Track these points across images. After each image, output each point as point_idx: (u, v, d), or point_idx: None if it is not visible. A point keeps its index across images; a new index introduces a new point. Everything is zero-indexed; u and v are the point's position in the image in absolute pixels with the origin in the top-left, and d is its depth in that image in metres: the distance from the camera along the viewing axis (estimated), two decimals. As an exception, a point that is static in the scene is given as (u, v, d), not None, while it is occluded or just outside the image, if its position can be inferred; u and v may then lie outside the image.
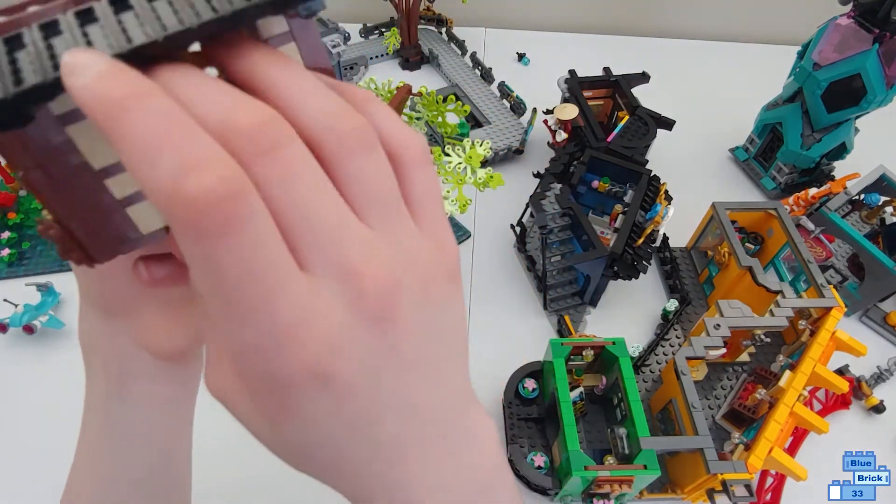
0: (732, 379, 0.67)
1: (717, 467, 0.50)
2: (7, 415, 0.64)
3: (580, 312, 0.74)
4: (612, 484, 0.52)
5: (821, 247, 0.77)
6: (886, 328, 0.74)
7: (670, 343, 0.71)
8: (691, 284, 0.77)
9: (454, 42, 1.16)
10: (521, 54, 1.17)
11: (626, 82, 0.87)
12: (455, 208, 0.61)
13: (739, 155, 0.96)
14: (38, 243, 0.81)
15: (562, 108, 0.84)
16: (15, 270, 0.78)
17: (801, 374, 0.56)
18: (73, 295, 0.75)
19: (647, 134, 0.80)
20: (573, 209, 0.69)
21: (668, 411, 0.61)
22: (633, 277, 0.67)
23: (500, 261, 0.81)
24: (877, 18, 0.70)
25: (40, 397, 0.65)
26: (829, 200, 0.73)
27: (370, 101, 0.19)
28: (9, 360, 0.69)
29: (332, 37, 0.81)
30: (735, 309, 0.59)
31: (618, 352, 0.57)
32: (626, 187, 0.74)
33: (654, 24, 1.27)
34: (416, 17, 1.10)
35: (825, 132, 0.82)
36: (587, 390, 0.62)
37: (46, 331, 0.71)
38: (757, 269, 0.64)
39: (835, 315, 0.60)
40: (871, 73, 0.72)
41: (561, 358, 0.56)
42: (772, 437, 0.52)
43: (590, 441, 0.61)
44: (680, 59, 1.18)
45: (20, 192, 0.84)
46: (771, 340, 0.69)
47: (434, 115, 0.75)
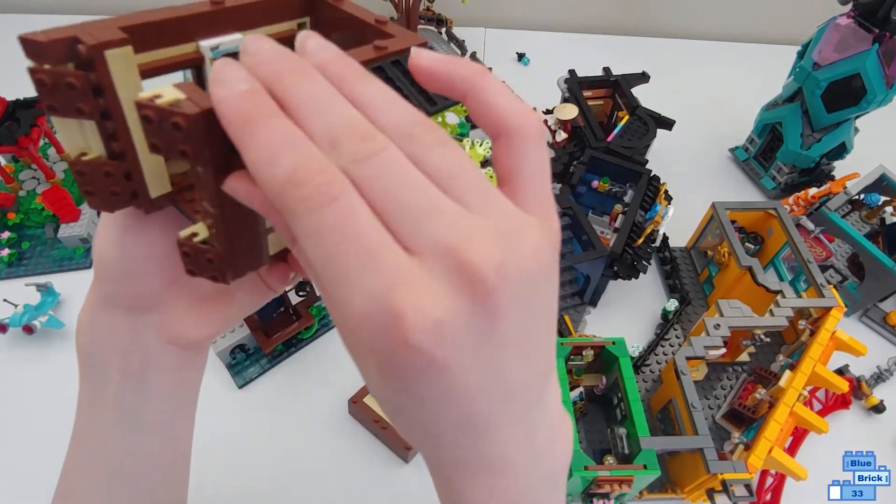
0: (732, 379, 0.67)
1: (717, 467, 0.50)
2: (7, 414, 0.64)
3: (580, 312, 0.74)
4: (612, 484, 0.52)
5: (821, 247, 0.77)
6: (886, 328, 0.74)
7: (670, 343, 0.71)
8: (691, 284, 0.77)
9: (454, 42, 1.16)
10: (521, 54, 1.17)
11: (626, 82, 0.87)
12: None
13: (739, 155, 0.96)
14: (37, 243, 0.81)
15: (562, 108, 0.84)
16: (15, 270, 0.78)
17: (801, 374, 0.56)
18: (72, 295, 0.75)
19: (646, 134, 0.80)
20: (573, 209, 0.69)
21: (667, 411, 0.61)
22: (632, 277, 0.67)
23: (499, 261, 0.81)
24: (876, 18, 0.70)
25: (40, 397, 0.65)
26: (829, 200, 0.73)
27: (483, 76, 0.20)
28: (8, 360, 0.69)
29: (331, 37, 0.81)
30: (735, 309, 0.59)
31: (618, 352, 0.57)
32: (626, 187, 0.74)
33: (654, 24, 1.27)
34: (416, 17, 1.10)
35: (825, 132, 0.82)
36: (587, 390, 0.62)
37: (46, 331, 0.71)
38: (757, 268, 0.64)
39: (835, 315, 0.60)
40: (871, 72, 0.72)
41: (561, 358, 0.56)
42: (772, 437, 0.52)
43: (590, 441, 0.61)
44: (680, 59, 1.18)
45: (20, 192, 0.84)
46: (771, 340, 0.69)
47: (434, 116, 0.75)
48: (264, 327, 0.69)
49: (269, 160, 0.17)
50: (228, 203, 0.19)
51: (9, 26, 1.19)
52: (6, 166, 0.87)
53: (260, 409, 0.65)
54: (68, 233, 0.79)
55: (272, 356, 0.69)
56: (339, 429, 0.64)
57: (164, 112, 0.17)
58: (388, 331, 0.16)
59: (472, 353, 0.17)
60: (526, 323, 0.19)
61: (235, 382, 0.67)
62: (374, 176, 0.17)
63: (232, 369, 0.68)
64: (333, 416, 0.65)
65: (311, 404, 0.66)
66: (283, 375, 0.68)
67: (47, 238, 0.81)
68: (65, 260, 0.79)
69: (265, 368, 0.69)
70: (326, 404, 0.66)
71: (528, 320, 0.19)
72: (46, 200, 0.78)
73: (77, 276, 0.78)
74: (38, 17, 1.22)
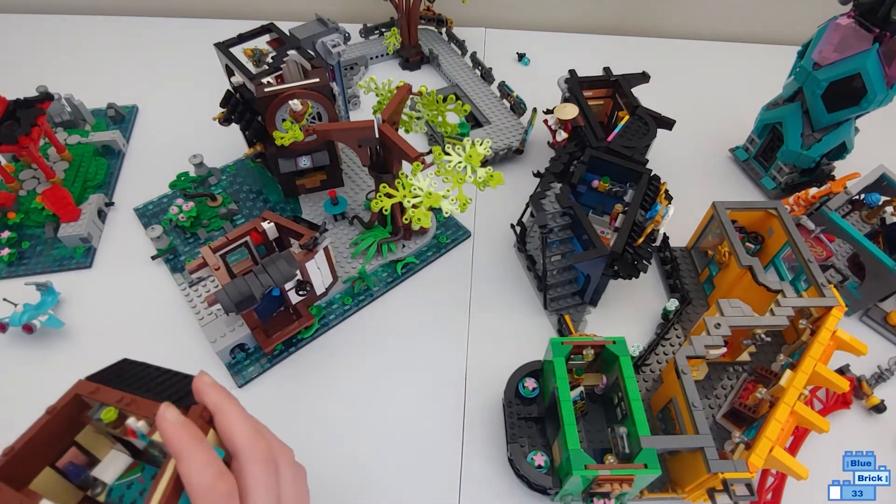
0: (733, 378, 0.67)
1: (718, 466, 0.50)
2: (6, 414, 0.64)
3: (580, 312, 0.74)
4: (613, 483, 0.52)
5: (821, 246, 0.77)
6: (887, 328, 0.74)
7: (671, 342, 0.71)
8: (691, 284, 0.77)
9: (454, 42, 1.16)
10: (521, 54, 1.17)
11: (626, 82, 0.87)
12: (455, 207, 0.61)
13: (739, 155, 0.96)
14: (37, 243, 0.81)
15: (562, 108, 0.84)
16: (15, 270, 0.78)
17: (802, 374, 0.56)
18: (72, 295, 0.75)
19: (647, 134, 0.80)
20: (573, 209, 0.69)
21: (668, 410, 0.61)
22: (633, 277, 0.67)
23: (500, 260, 0.81)
24: (877, 18, 0.70)
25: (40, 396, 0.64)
26: (830, 200, 0.73)
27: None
28: (8, 360, 0.69)
29: (332, 37, 0.81)
30: (735, 308, 0.59)
31: (618, 351, 0.57)
32: (626, 187, 0.74)
33: (654, 24, 1.27)
34: (416, 17, 1.10)
35: (825, 132, 0.82)
36: (587, 389, 0.62)
37: (46, 330, 0.71)
38: (757, 268, 0.64)
39: (835, 314, 0.60)
40: (871, 72, 0.72)
41: (561, 357, 0.56)
42: (773, 437, 0.52)
43: (590, 440, 0.60)
44: (680, 59, 1.18)
45: (20, 191, 0.84)
46: (771, 340, 0.69)
47: (434, 115, 0.75)
48: (264, 327, 0.69)
49: (187, 464, 0.31)
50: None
51: (9, 26, 1.20)
52: (6, 166, 0.87)
53: (260, 408, 0.65)
54: (68, 232, 0.79)
55: (272, 355, 0.69)
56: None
57: None
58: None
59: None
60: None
61: (235, 382, 0.67)
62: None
63: (232, 368, 0.68)
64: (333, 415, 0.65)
65: (310, 404, 0.66)
66: (283, 375, 0.68)
67: (47, 237, 0.81)
68: (65, 259, 0.79)
69: (265, 368, 0.68)
70: (326, 404, 0.66)
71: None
72: (46, 200, 0.78)
73: (77, 276, 0.78)
74: (39, 17, 1.22)
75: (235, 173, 0.91)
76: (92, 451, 0.35)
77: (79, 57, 1.14)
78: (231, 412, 0.34)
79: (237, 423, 0.34)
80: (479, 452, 0.63)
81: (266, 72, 0.75)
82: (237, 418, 0.34)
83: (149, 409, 0.31)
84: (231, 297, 0.58)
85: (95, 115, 1.01)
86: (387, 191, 0.63)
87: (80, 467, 0.34)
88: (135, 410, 0.31)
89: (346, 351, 0.71)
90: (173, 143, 0.96)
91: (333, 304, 0.75)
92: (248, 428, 0.34)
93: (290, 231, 0.66)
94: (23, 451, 0.32)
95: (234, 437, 0.34)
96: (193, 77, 1.09)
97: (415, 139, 0.96)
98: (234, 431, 0.34)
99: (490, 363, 0.69)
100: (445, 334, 0.72)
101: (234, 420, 0.34)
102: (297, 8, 1.25)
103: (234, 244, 0.65)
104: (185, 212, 0.81)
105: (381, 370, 0.69)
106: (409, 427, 0.64)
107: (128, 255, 0.80)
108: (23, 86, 0.90)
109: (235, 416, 0.34)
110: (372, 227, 0.79)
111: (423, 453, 0.62)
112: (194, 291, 0.75)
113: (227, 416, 0.34)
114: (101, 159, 0.93)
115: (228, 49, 0.78)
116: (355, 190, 0.87)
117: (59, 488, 0.33)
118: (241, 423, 0.34)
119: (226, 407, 0.34)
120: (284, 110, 0.72)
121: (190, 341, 0.70)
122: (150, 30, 1.23)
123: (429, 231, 0.83)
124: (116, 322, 0.73)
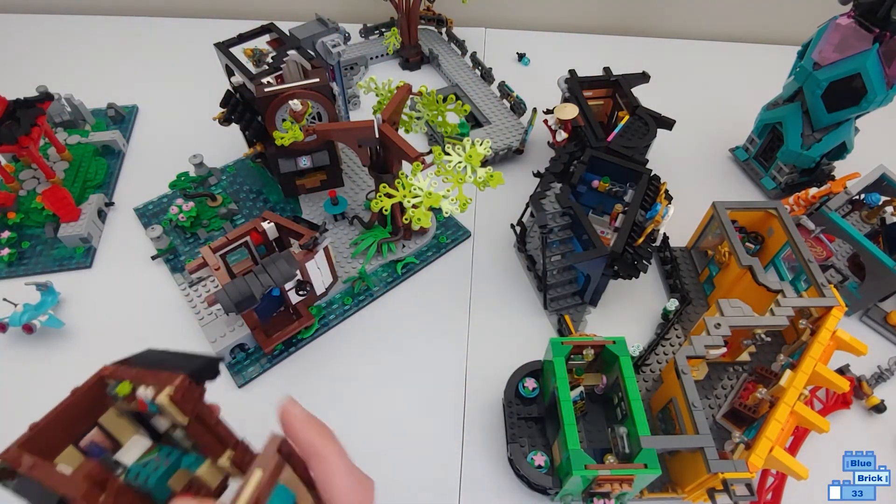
0: (733, 378, 0.67)
1: (718, 466, 0.50)
2: (6, 414, 0.64)
3: (580, 312, 0.74)
4: (613, 483, 0.52)
5: (821, 246, 0.77)
6: (887, 328, 0.74)
7: (671, 342, 0.71)
8: (692, 284, 0.77)
9: (454, 42, 1.16)
10: (521, 54, 1.17)
11: (626, 82, 0.87)
12: (455, 207, 0.61)
13: (739, 155, 0.96)
14: (37, 243, 0.81)
15: (562, 108, 0.84)
16: (15, 270, 0.78)
17: (802, 374, 0.56)
18: (72, 295, 0.75)
19: (647, 134, 0.80)
20: (573, 208, 0.69)
21: (668, 410, 0.61)
22: (633, 277, 0.67)
23: (500, 260, 0.81)
24: (877, 18, 0.70)
25: (40, 396, 0.64)
26: (830, 200, 0.73)
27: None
28: (8, 360, 0.69)
29: (332, 37, 0.81)
30: (735, 308, 0.59)
31: (618, 351, 0.57)
32: (626, 187, 0.74)
33: (654, 24, 1.27)
34: (416, 17, 1.10)
35: (825, 132, 0.82)
36: (587, 389, 0.62)
37: (46, 330, 0.71)
38: (757, 268, 0.64)
39: (835, 314, 0.60)
40: (872, 72, 0.72)
41: (561, 357, 0.56)
42: (773, 437, 0.52)
43: (590, 440, 0.60)
44: (680, 59, 1.18)
45: (20, 191, 0.84)
46: (771, 340, 0.69)
47: (434, 115, 0.75)
48: (264, 327, 0.69)
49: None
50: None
51: (9, 26, 1.20)
52: (6, 166, 0.87)
53: (260, 408, 0.65)
54: (68, 232, 0.79)
55: (272, 356, 0.69)
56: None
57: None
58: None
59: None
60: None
61: (235, 382, 0.67)
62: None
63: (232, 368, 0.68)
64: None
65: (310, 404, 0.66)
66: (283, 375, 0.68)
67: (47, 237, 0.81)
68: (65, 259, 0.79)
69: (265, 368, 0.68)
70: (327, 404, 0.66)
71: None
72: (46, 200, 0.78)
73: (77, 276, 0.78)
74: (39, 17, 1.22)
75: (235, 173, 0.91)
76: (115, 434, 0.36)
77: (79, 57, 1.14)
78: (334, 462, 0.30)
79: (340, 478, 0.30)
80: (479, 452, 0.63)
81: (266, 72, 0.75)
82: (341, 472, 0.30)
83: (164, 382, 0.30)
84: (231, 297, 0.58)
85: (95, 115, 1.01)
86: (387, 191, 0.63)
87: (101, 447, 0.34)
88: (150, 383, 0.31)
89: (347, 351, 0.71)
90: (173, 143, 0.96)
91: (333, 304, 0.75)
92: (353, 483, 0.30)
93: (290, 231, 0.66)
94: (47, 427, 0.32)
95: (332, 490, 0.30)
96: (193, 77, 1.09)
97: (415, 139, 0.96)
98: (336, 486, 0.30)
99: (490, 363, 0.69)
100: (445, 334, 0.72)
101: (337, 474, 0.30)
102: (297, 8, 1.25)
103: (234, 244, 0.65)
104: (185, 212, 0.81)
105: (381, 370, 0.69)
106: (409, 426, 0.64)
107: (128, 255, 0.81)
108: (23, 86, 0.90)
109: (340, 469, 0.30)
110: (372, 227, 0.79)
111: (423, 453, 0.62)
112: (194, 291, 0.75)
113: (329, 465, 0.30)
114: (101, 159, 0.93)
115: (228, 49, 0.78)
116: (355, 190, 0.87)
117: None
118: (345, 477, 0.30)
119: (328, 455, 0.30)
120: (284, 110, 0.72)
121: (190, 341, 0.70)
122: (150, 30, 1.23)
123: (429, 231, 0.83)
124: (116, 322, 0.73)
